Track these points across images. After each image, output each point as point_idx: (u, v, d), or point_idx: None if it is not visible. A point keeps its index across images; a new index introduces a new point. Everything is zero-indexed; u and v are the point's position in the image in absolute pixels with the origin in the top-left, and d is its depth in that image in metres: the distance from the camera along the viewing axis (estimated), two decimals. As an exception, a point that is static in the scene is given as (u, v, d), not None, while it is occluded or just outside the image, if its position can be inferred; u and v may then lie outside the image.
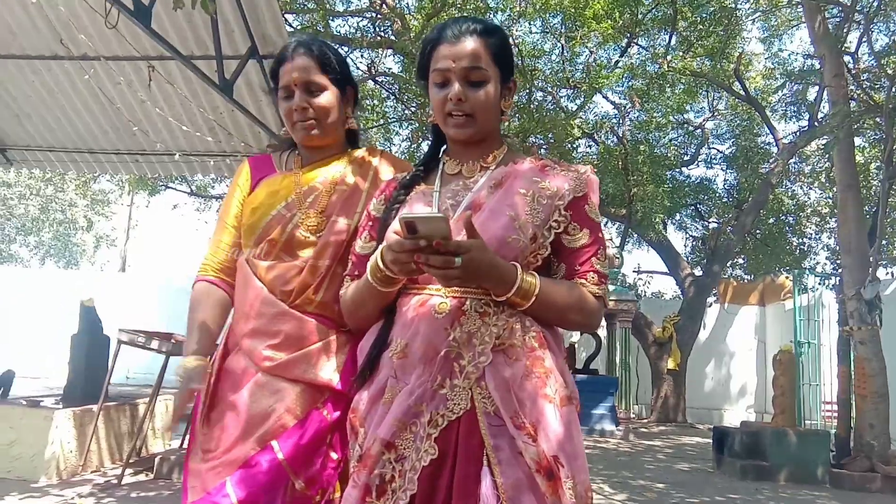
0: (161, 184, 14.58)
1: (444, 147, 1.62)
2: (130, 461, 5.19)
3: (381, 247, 1.41)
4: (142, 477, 5.20)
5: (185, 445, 5.52)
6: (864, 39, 10.59)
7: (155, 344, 5.22)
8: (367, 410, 1.43)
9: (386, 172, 1.82)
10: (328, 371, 1.64)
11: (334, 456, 1.64)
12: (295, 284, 1.68)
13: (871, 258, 7.07)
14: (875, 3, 8.54)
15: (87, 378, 5.54)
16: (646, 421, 12.65)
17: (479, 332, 1.36)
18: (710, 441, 8.31)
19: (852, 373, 7.23)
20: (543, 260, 1.45)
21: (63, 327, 7.21)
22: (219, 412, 1.66)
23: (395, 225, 1.42)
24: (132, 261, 27.70)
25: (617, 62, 13.31)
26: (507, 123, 1.64)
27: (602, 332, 11.55)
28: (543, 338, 1.40)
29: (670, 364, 12.53)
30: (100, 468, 5.34)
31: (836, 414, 8.19)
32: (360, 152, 1.87)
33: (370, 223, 1.60)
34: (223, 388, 1.69)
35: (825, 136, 8.09)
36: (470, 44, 1.47)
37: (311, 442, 1.61)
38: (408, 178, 1.59)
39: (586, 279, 1.45)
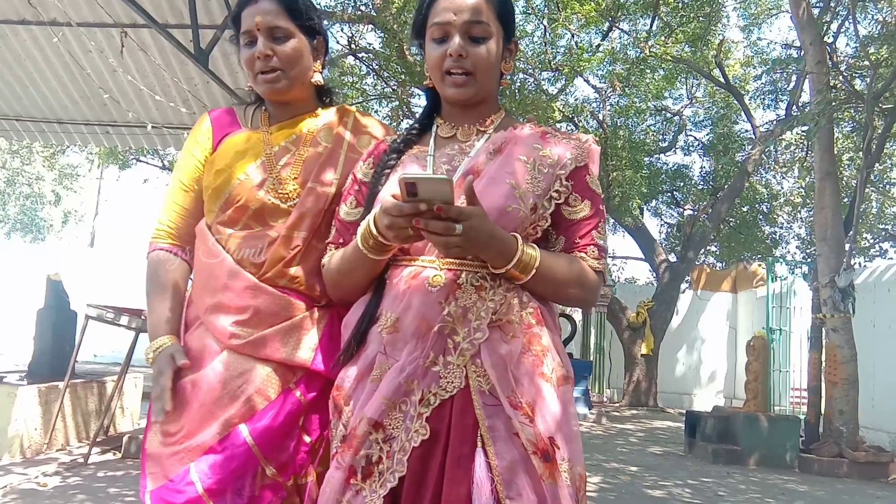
0: (132, 157, 14.25)
1: (437, 110, 1.53)
2: (98, 440, 5.07)
3: (374, 211, 1.32)
4: (109, 456, 5.08)
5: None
6: (842, 30, 10.67)
7: (124, 320, 5.09)
8: (352, 388, 1.35)
9: (364, 134, 1.68)
10: (302, 349, 1.51)
11: (307, 439, 1.52)
12: (267, 256, 1.53)
13: (846, 246, 7.14)
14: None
15: (53, 354, 5.40)
16: (618, 404, 12.77)
17: (474, 306, 1.28)
18: (681, 425, 8.40)
19: (823, 360, 7.33)
20: (542, 232, 1.38)
21: (29, 302, 7.02)
22: (180, 393, 1.51)
23: (390, 187, 1.34)
24: (101, 236, 27.13)
25: (598, 46, 13.25)
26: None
27: (577, 315, 11.60)
28: (540, 314, 1.34)
29: (644, 349, 12.64)
30: (66, 447, 5.21)
31: (804, 399, 8.33)
32: (334, 111, 1.71)
33: (357, 187, 1.50)
34: (184, 366, 1.53)
35: (805, 124, 8.13)
36: None
37: (283, 425, 1.48)
38: (399, 141, 1.49)
39: (586, 253, 1.39)
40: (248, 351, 1.50)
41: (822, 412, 7.31)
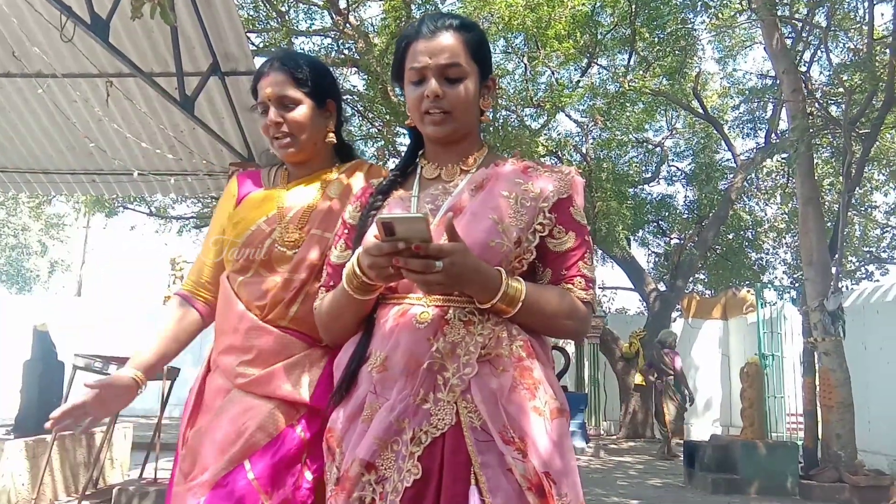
0: (118, 205, 14.23)
1: (422, 151, 1.55)
2: (87, 493, 4.95)
3: (356, 252, 1.33)
4: (99, 509, 4.96)
5: (144, 476, 5.33)
6: (815, 58, 10.93)
7: (112, 369, 5.01)
8: (344, 429, 1.34)
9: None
10: (302, 387, 1.58)
11: (309, 476, 1.57)
12: (268, 299, 1.65)
13: (833, 270, 7.20)
14: (827, 22, 8.81)
15: (40, 406, 5.29)
16: (615, 437, 12.66)
17: (463, 341, 1.28)
18: (680, 455, 8.33)
19: (817, 384, 7.32)
20: (529, 265, 1.38)
21: (15, 354, 6.92)
22: (197, 432, 1.64)
23: (374, 228, 1.35)
24: (88, 285, 26.90)
25: (578, 82, 13.50)
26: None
27: (570, 347, 11.57)
28: (531, 347, 1.33)
29: (638, 379, 12.58)
30: (54, 501, 5.08)
31: (800, 425, 8.30)
32: (347, 167, 1.82)
33: (345, 231, 1.51)
34: (203, 407, 1.67)
35: (785, 152, 8.27)
36: (447, 39, 1.40)
37: (284, 461, 1.55)
38: (385, 183, 1.51)
39: (573, 284, 1.38)
40: (252, 389, 1.59)
41: (820, 437, 7.28)
